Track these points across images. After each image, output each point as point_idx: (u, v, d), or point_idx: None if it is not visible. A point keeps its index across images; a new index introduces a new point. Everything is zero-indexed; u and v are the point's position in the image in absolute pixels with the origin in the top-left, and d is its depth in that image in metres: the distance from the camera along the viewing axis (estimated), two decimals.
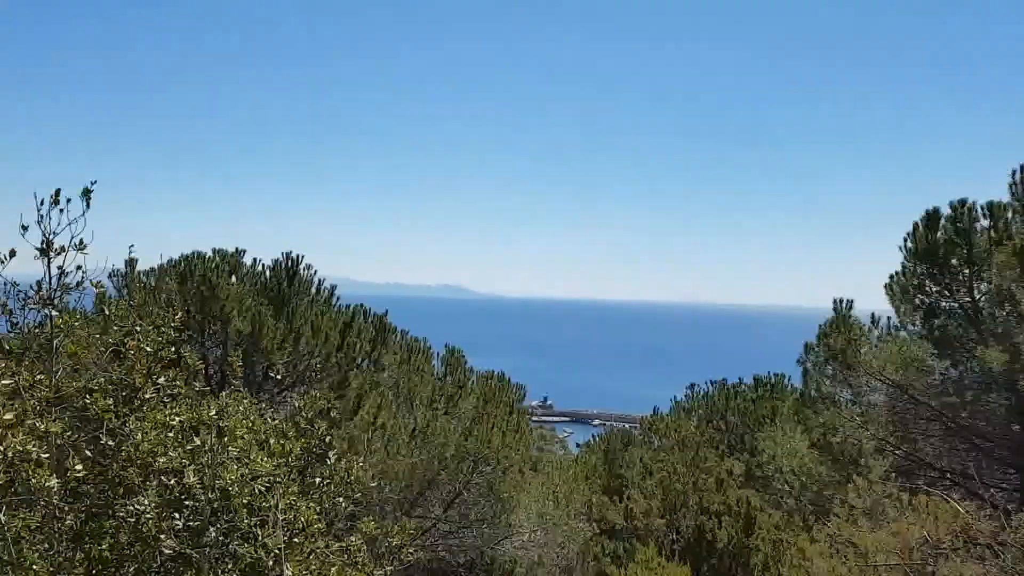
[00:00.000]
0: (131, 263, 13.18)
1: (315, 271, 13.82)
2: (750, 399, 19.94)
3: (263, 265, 13.69)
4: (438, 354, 14.32)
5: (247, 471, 4.97)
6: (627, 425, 32.15)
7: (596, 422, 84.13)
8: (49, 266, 5.03)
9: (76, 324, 5.30)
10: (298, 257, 13.50)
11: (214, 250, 13.43)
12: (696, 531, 13.87)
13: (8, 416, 4.34)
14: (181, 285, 12.86)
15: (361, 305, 13.96)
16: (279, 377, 11.75)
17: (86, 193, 4.99)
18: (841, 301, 13.40)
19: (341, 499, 5.86)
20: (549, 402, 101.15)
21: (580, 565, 13.06)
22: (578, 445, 29.22)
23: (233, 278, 13.27)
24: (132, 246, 5.96)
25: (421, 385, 13.11)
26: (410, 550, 5.69)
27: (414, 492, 12.50)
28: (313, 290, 13.91)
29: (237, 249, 13.41)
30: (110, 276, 12.86)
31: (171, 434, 5.13)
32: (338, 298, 14.04)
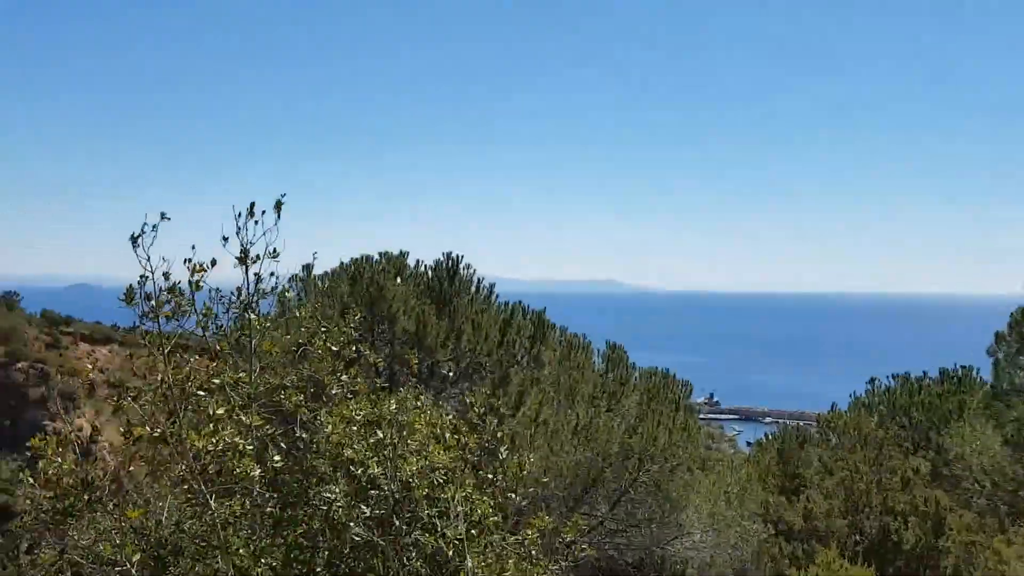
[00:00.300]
0: (308, 268, 14.04)
1: (474, 270, 14.17)
2: (935, 394, 18.49)
3: (425, 266, 14.21)
4: (598, 350, 14.30)
5: (426, 464, 5.18)
6: (801, 423, 30.83)
7: (767, 419, 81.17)
8: (247, 273, 5.46)
9: (269, 326, 5.72)
10: (458, 257, 13.92)
11: (380, 253, 14.07)
12: (880, 532, 13.07)
13: (219, 411, 4.73)
14: (352, 287, 13.58)
15: (519, 302, 14.18)
16: (450, 375, 12.15)
17: (278, 206, 5.37)
18: None
19: (513, 494, 6.00)
20: (715, 399, 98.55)
21: (755, 566, 12.64)
22: (748, 443, 28.33)
23: (398, 279, 13.86)
24: (315, 253, 6.36)
25: (582, 382, 13.15)
26: (583, 546, 5.71)
27: (578, 489, 12.54)
28: (473, 289, 14.27)
29: (401, 251, 14.00)
30: (289, 280, 13.78)
31: (355, 428, 5.44)
32: (496, 296, 14.33)
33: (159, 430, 4.77)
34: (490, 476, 5.71)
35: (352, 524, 5.05)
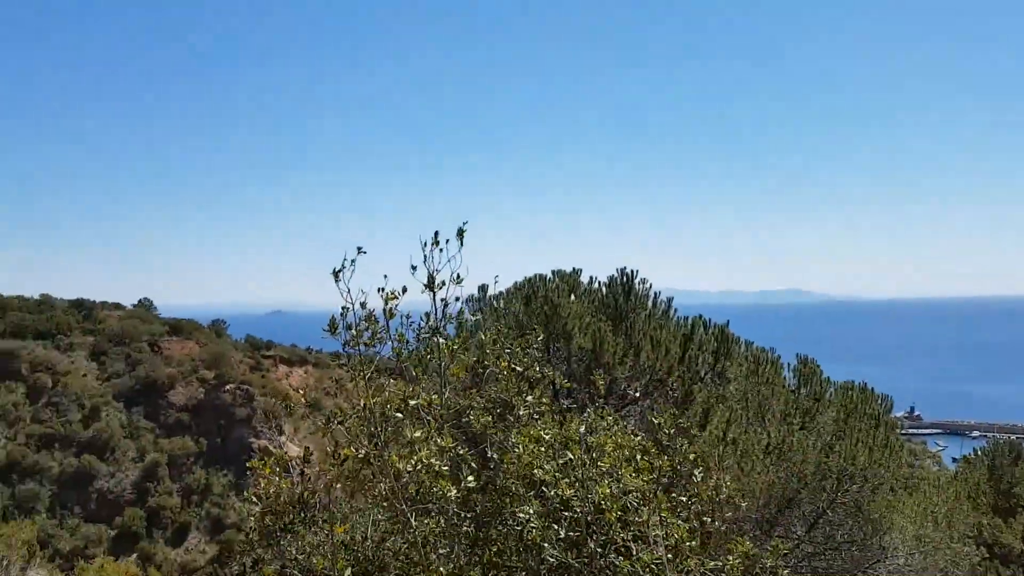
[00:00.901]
0: (483, 288, 14.38)
1: (650, 284, 13.95)
2: None
3: (599, 282, 14.14)
4: (788, 364, 13.59)
5: (618, 486, 5.11)
6: (1014, 436, 27.97)
7: (975, 434, 74.40)
8: (434, 299, 5.66)
9: (456, 349, 5.89)
10: (633, 272, 13.74)
11: (553, 271, 14.16)
12: None
13: (417, 433, 4.91)
14: (526, 306, 13.74)
15: (700, 316, 13.76)
16: (635, 393, 11.99)
17: (460, 233, 5.54)
18: None
19: (709, 518, 5.79)
20: (916, 413, 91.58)
21: None
22: (954, 460, 26.01)
23: (572, 296, 13.87)
24: (497, 277, 6.49)
25: (772, 398, 12.53)
26: (785, 572, 5.42)
27: (772, 511, 11.96)
28: (650, 303, 14.02)
29: (574, 269, 14.02)
30: (466, 301, 14.19)
31: (543, 448, 5.47)
32: (676, 310, 13.99)
33: (363, 451, 5.01)
34: (684, 499, 5.55)
35: (546, 545, 5.06)
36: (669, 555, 4.97)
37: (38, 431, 48.22)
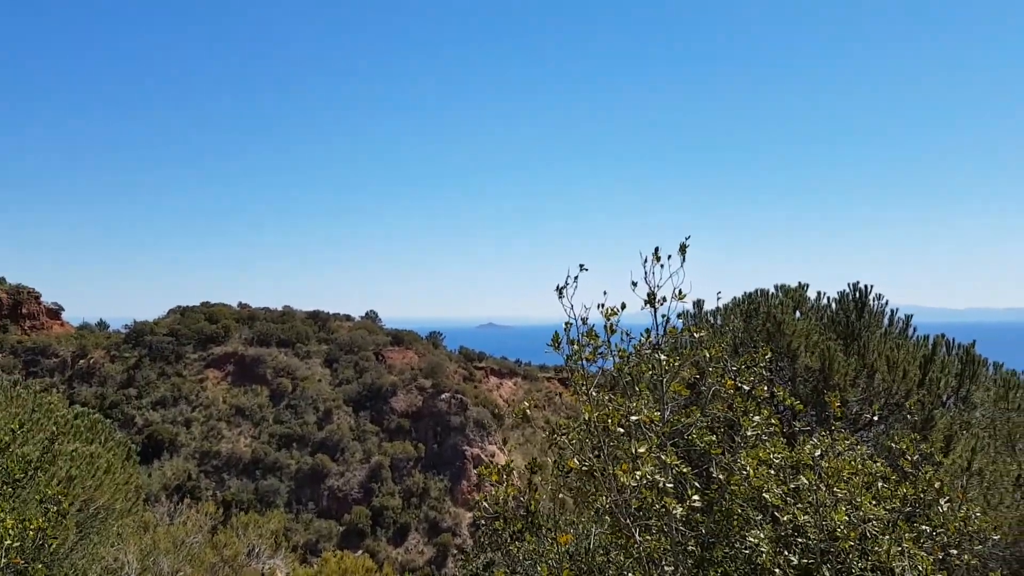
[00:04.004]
0: (699, 304, 14.09)
1: (886, 301, 12.99)
2: None
3: (828, 298, 13.39)
4: None
5: (856, 514, 4.83)
6: None
7: None
8: (655, 315, 5.66)
9: (677, 366, 5.84)
10: (867, 288, 12.87)
11: (777, 286, 13.60)
12: None
13: (641, 448, 4.93)
14: (746, 323, 13.28)
15: (942, 336, 12.62)
16: (873, 417, 11.24)
17: (682, 249, 5.50)
18: None
19: (955, 551, 5.31)
20: None
21: None
22: None
23: (797, 313, 13.24)
24: (719, 292, 6.37)
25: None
26: None
27: (1022, 549, 10.72)
28: (885, 321, 13.07)
29: (800, 284, 13.38)
30: (679, 316, 13.97)
31: (772, 471, 5.28)
32: (915, 329, 12.93)
33: (587, 464, 5.10)
34: (927, 529, 5.13)
35: (777, 571, 4.88)
36: None
37: (279, 431, 53.19)
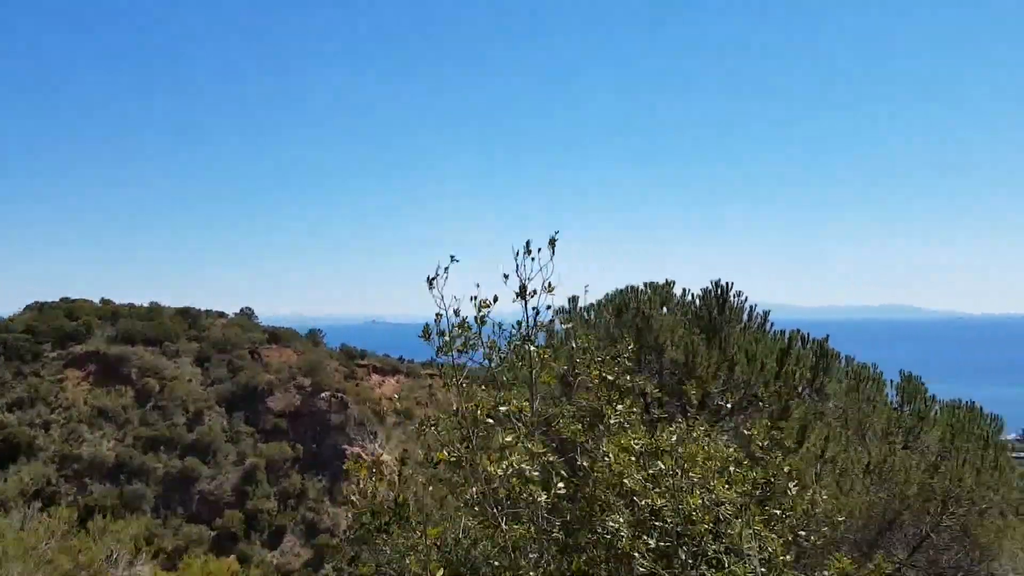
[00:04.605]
0: (574, 299, 14.39)
1: (745, 298, 13.65)
2: None
3: (692, 294, 13.93)
4: (891, 381, 13.07)
5: (710, 498, 5.05)
6: None
7: None
8: (526, 307, 5.74)
9: (547, 357, 5.95)
10: (727, 285, 13.48)
11: (646, 283, 14.04)
12: None
13: (508, 438, 4.99)
14: (617, 318, 13.66)
15: (797, 330, 13.38)
16: (727, 405, 11.77)
17: (552, 243, 5.60)
18: None
19: (804, 532, 5.65)
20: None
21: None
22: None
23: (664, 309, 13.71)
24: (587, 286, 6.51)
25: (873, 416, 12.08)
26: None
27: (872, 532, 11.52)
28: (745, 317, 13.73)
29: (667, 281, 13.87)
30: (556, 312, 14.22)
31: (633, 458, 5.45)
32: (772, 324, 13.65)
33: (456, 455, 5.12)
34: (778, 512, 5.43)
35: (636, 555, 5.04)
36: (762, 569, 4.88)
37: (146, 433, 50.68)
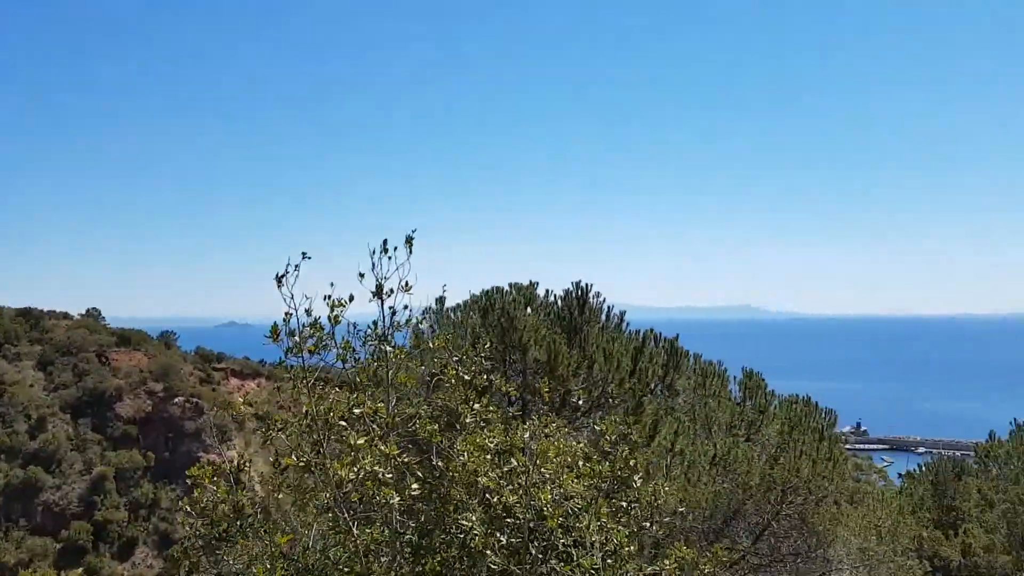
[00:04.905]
0: (440, 300, 14.39)
1: (603, 299, 14.08)
2: None
3: (555, 296, 14.24)
4: (735, 378, 13.84)
5: (560, 493, 5.16)
6: (958, 453, 28.75)
7: (920, 450, 76.26)
8: (382, 307, 5.66)
9: (404, 357, 5.90)
10: (587, 286, 13.87)
11: (511, 284, 14.22)
12: None
13: (361, 441, 4.91)
14: (483, 318, 13.77)
15: (651, 330, 13.93)
16: (579, 402, 12.08)
17: (409, 241, 5.56)
18: None
19: (648, 523, 5.87)
20: (863, 428, 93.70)
21: None
22: (900, 475, 26.66)
23: (528, 309, 13.93)
24: (445, 285, 6.51)
25: (719, 410, 12.74)
26: None
27: (718, 522, 12.13)
28: (603, 317, 14.15)
29: (531, 282, 14.10)
30: (423, 313, 14.18)
31: (488, 456, 5.50)
32: (628, 324, 14.15)
33: (305, 459, 4.99)
34: (624, 505, 5.62)
35: (488, 552, 5.08)
36: (608, 560, 5.03)
37: None
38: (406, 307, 5.68)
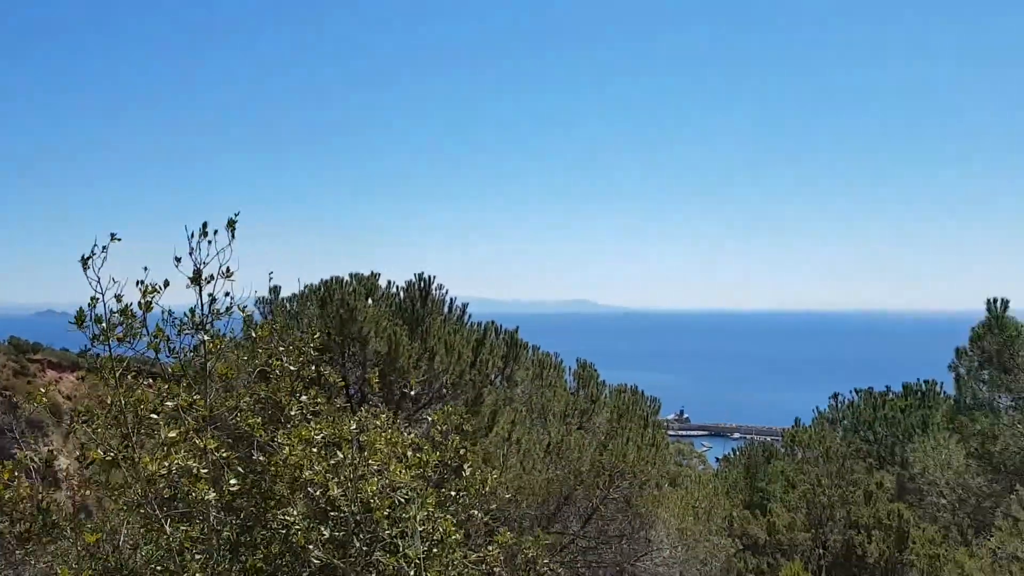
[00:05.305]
0: (275, 290, 13.95)
1: (446, 291, 14.14)
2: (899, 408, 18.73)
3: (397, 287, 14.15)
4: (570, 369, 14.32)
5: (387, 483, 5.13)
6: (768, 438, 31.08)
7: (736, 435, 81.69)
8: (200, 294, 5.40)
9: (225, 348, 5.66)
10: (430, 278, 13.87)
11: (351, 274, 13.99)
12: (844, 546, 13.16)
13: (172, 434, 4.67)
14: (322, 309, 13.47)
15: (492, 322, 14.15)
16: (412, 394, 12.06)
17: (231, 224, 5.32)
18: (995, 301, 12.45)
19: (477, 511, 5.96)
20: (685, 415, 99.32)
21: None
22: (717, 459, 28.56)
23: (369, 300, 13.77)
24: (271, 273, 6.29)
25: (554, 400, 13.14)
26: (545, 561, 5.68)
27: (551, 507, 12.49)
28: (445, 309, 14.22)
29: (372, 273, 13.92)
30: (256, 303, 13.68)
31: (314, 449, 5.38)
32: (470, 316, 14.30)
33: (111, 454, 4.69)
34: (453, 494, 5.67)
35: (311, 547, 4.99)
36: (434, 549, 5.06)
37: None
38: (227, 294, 5.45)
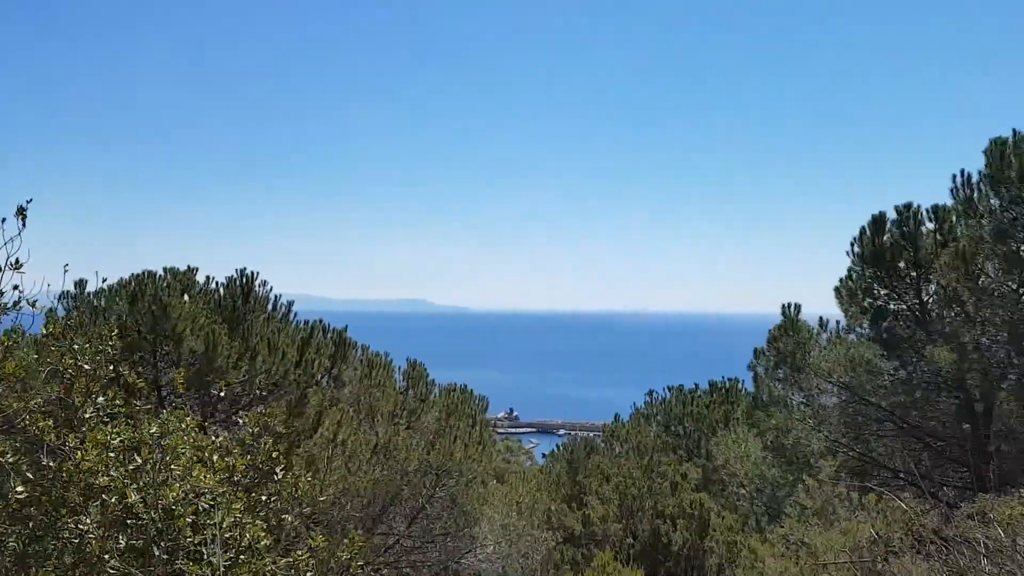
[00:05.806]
0: (80, 284, 13.00)
1: (271, 287, 13.68)
2: (705, 404, 20.17)
3: (217, 283, 13.53)
4: (399, 368, 14.27)
5: (190, 489, 4.93)
6: (591, 434, 32.34)
7: (561, 432, 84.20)
8: None
9: (13, 344, 5.24)
10: (253, 274, 13.37)
11: (165, 269, 13.26)
12: (652, 535, 14.00)
13: None
14: (132, 305, 12.67)
15: (320, 321, 13.84)
16: (222, 395, 11.61)
17: (20, 212, 4.94)
18: (789, 305, 13.63)
19: (288, 515, 5.83)
20: (515, 413, 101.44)
21: (543, 574, 13.07)
22: (544, 455, 29.47)
23: (186, 297, 13.09)
24: (67, 265, 5.83)
25: (383, 400, 13.05)
26: (360, 563, 5.67)
27: (377, 509, 12.42)
28: (269, 307, 13.76)
29: (189, 267, 13.25)
30: (59, 298, 12.65)
31: (112, 454, 5.08)
32: (295, 314, 13.91)
33: None
34: (263, 498, 5.52)
35: (107, 557, 4.71)
36: (241, 556, 4.91)
37: None
38: (16, 287, 5.05)
